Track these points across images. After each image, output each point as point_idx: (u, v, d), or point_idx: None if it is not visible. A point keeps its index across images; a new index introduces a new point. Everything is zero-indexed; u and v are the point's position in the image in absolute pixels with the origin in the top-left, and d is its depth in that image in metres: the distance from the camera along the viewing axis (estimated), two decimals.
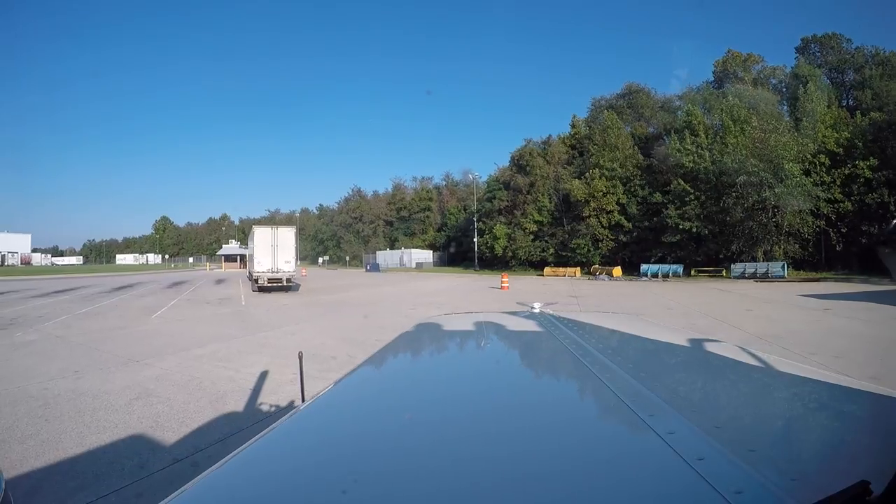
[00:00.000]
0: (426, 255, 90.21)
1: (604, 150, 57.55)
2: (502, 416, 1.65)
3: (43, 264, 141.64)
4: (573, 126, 69.87)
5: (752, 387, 2.17)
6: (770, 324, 15.40)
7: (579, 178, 57.23)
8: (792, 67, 54.93)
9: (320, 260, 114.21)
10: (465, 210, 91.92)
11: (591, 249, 55.59)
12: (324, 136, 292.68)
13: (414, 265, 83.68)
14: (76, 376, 9.32)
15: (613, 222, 55.16)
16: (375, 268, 79.28)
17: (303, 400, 2.25)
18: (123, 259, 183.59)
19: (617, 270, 48.14)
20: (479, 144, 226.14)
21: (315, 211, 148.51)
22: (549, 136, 71.13)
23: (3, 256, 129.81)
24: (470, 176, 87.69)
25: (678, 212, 47.64)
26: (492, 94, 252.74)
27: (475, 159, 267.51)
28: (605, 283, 41.57)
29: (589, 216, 55.44)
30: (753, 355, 2.45)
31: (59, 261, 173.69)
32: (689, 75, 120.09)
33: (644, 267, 46.90)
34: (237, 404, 7.58)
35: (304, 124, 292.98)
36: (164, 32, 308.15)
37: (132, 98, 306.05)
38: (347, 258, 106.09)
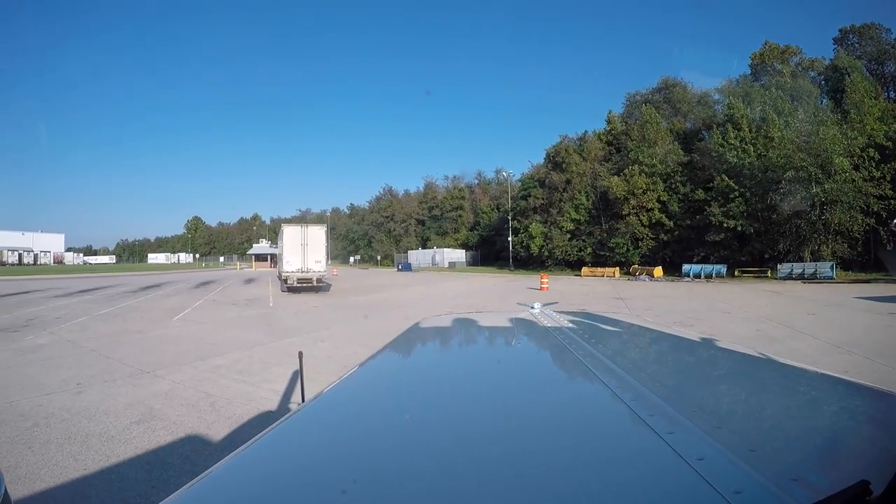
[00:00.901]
0: (459, 255, 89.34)
1: (642, 145, 55.76)
2: (501, 415, 1.63)
3: (75, 263, 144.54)
4: (609, 122, 67.76)
5: (753, 386, 2.15)
6: (841, 330, 14.19)
7: (618, 175, 55.41)
8: (831, 59, 52.93)
9: (351, 259, 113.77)
10: (498, 209, 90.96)
11: (631, 249, 53.81)
12: (355, 136, 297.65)
13: (446, 264, 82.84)
14: (77, 390, 8.37)
15: (654, 220, 53.19)
16: (407, 267, 78.75)
17: (303, 400, 2.25)
18: (155, 258, 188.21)
19: (658, 271, 46.48)
20: (510, 143, 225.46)
21: (346, 210, 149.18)
22: (585, 131, 69.33)
23: (36, 256, 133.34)
24: (504, 174, 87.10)
25: (722, 209, 45.67)
26: (521, 93, 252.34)
27: (507, 158, 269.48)
28: (646, 283, 40.03)
29: (628, 214, 53.57)
30: (753, 354, 2.51)
31: (92, 260, 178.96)
32: (726, 68, 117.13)
33: (686, 267, 44.96)
34: (252, 433, 6.40)
35: (335, 124, 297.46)
36: (199, 33, 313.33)
37: (164, 99, 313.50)
38: (379, 257, 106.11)
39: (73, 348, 12.16)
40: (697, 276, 43.01)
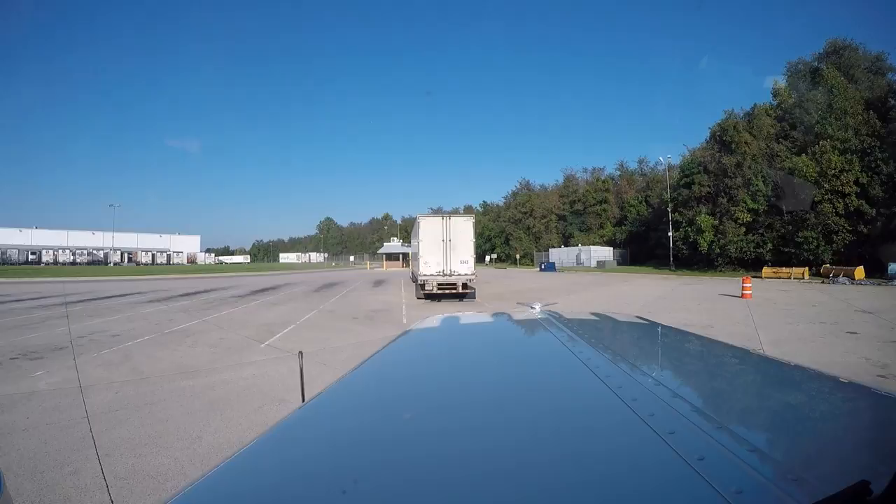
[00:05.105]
0: (606, 253, 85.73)
1: (829, 116, 48.81)
2: (501, 416, 1.67)
3: (206, 263, 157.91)
4: (775, 94, 61.31)
5: (753, 387, 2.23)
6: None
7: (803, 154, 48.73)
8: None
9: (487, 258, 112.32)
10: (646, 201, 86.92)
11: (822, 244, 47.05)
12: (485, 130, 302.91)
13: (593, 264, 79.75)
14: None
15: (851, 209, 45.87)
16: (550, 267, 75.54)
17: (303, 400, 2.19)
18: (286, 258, 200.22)
19: (859, 271, 39.60)
20: (648, 131, 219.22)
21: (479, 208, 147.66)
22: (755, 105, 62.48)
23: (169, 256, 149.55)
24: (661, 159, 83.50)
25: None
26: (659, 72, 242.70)
27: (646, 147, 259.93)
28: (850, 287, 33.86)
29: (820, 201, 46.56)
30: (755, 355, 2.80)
31: (227, 259, 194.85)
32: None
33: (893, 266, 37.83)
34: None
35: (467, 119, 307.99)
36: (333, 38, 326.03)
37: (297, 105, 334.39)
38: (518, 256, 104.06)
39: (67, 408, 8.20)
40: None
